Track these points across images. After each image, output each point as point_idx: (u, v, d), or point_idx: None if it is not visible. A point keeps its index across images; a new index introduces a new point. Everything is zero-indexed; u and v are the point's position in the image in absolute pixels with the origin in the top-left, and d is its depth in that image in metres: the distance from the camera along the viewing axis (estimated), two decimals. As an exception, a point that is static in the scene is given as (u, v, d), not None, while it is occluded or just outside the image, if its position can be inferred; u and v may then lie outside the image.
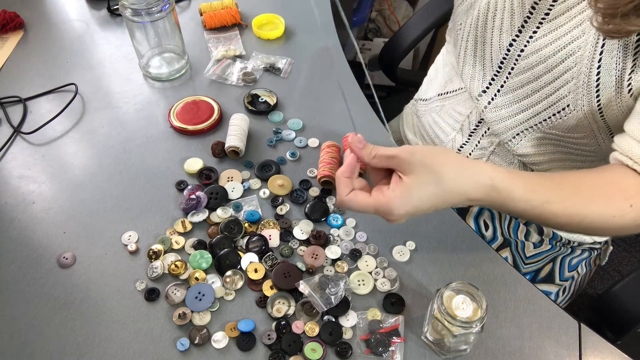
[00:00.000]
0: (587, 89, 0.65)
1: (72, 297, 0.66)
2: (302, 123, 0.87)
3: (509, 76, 0.73)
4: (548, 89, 0.69)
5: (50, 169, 0.81)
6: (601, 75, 0.63)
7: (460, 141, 0.85)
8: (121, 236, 0.72)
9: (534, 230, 0.85)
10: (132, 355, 0.61)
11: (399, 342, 0.62)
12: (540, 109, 0.71)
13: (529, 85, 0.71)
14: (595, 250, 0.89)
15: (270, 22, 1.06)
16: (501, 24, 0.71)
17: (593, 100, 0.65)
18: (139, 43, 0.92)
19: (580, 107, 0.66)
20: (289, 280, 0.67)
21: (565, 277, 0.85)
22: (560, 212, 0.59)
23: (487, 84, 0.76)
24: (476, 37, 0.75)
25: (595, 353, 0.62)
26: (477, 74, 0.77)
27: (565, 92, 0.67)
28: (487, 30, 0.73)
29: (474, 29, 0.75)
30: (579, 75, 0.65)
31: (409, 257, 0.71)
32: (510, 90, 0.73)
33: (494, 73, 0.75)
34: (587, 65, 0.64)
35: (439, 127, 0.88)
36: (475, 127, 0.81)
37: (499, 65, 0.73)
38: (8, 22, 1.03)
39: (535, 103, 0.71)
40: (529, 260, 0.84)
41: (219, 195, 0.76)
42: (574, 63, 0.65)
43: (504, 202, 0.58)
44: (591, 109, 0.66)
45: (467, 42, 0.77)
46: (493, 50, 0.73)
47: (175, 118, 0.86)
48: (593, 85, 0.64)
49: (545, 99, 0.70)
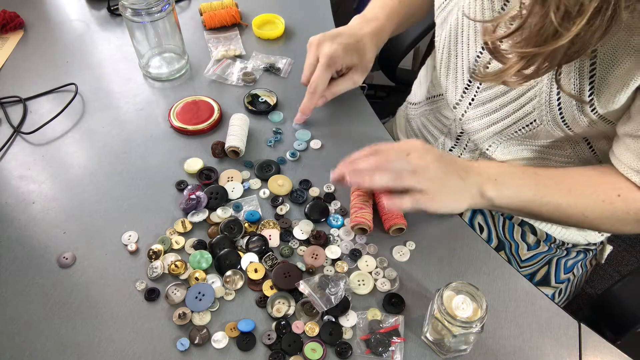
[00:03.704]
0: (550, 107, 0.66)
1: (72, 297, 0.66)
2: (310, 134, 0.86)
3: (478, 90, 0.74)
4: (514, 105, 0.70)
5: (50, 169, 0.81)
6: (561, 95, 0.64)
7: (449, 144, 0.85)
8: (121, 236, 0.72)
9: (529, 231, 0.85)
10: (132, 355, 0.61)
11: (399, 342, 0.62)
12: (510, 122, 0.72)
13: (497, 100, 0.72)
14: (590, 251, 0.89)
15: (270, 22, 1.06)
16: (468, 39, 0.73)
17: (557, 117, 0.66)
18: (139, 43, 0.92)
19: (547, 122, 0.67)
20: (289, 280, 0.67)
21: (561, 279, 0.85)
22: (554, 209, 0.64)
23: (460, 97, 0.77)
24: (449, 50, 0.77)
25: (595, 353, 0.62)
26: (451, 85, 0.79)
27: (531, 109, 0.68)
28: (457, 44, 0.75)
29: (447, 42, 0.76)
30: (540, 93, 0.66)
31: (409, 257, 0.71)
32: (481, 103, 0.75)
33: (465, 86, 0.76)
34: (547, 84, 0.64)
35: (428, 131, 0.89)
36: (462, 131, 0.81)
37: (469, 79, 0.75)
38: (8, 22, 1.03)
39: (504, 117, 0.72)
40: (524, 263, 0.85)
41: (219, 195, 0.76)
42: (535, 81, 0.66)
43: (498, 206, 0.67)
44: (557, 124, 0.67)
45: (442, 55, 0.78)
46: (464, 63, 0.75)
47: (175, 118, 0.86)
48: (555, 103, 0.65)
49: (514, 114, 0.71)
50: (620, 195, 0.63)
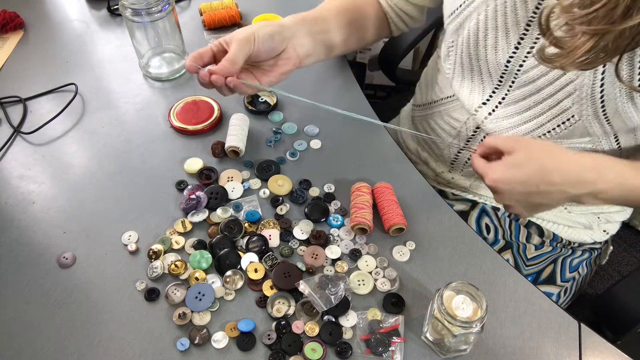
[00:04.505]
0: (592, 100, 0.64)
1: (72, 297, 0.66)
2: (296, 127, 0.87)
3: (509, 89, 0.73)
4: (551, 101, 0.69)
5: (50, 169, 0.81)
6: (605, 87, 0.63)
7: (457, 147, 0.85)
8: (121, 236, 0.72)
9: (535, 232, 0.85)
10: (132, 355, 0.61)
11: (399, 342, 0.62)
12: (545, 120, 0.71)
13: (532, 97, 0.71)
14: (595, 250, 0.89)
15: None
16: (495, 42, 0.71)
17: (599, 109, 0.65)
18: (139, 43, 0.92)
19: (586, 117, 0.66)
20: (289, 280, 0.67)
21: (567, 278, 0.85)
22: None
23: (488, 97, 0.76)
24: (470, 55, 0.75)
25: (595, 353, 0.62)
26: (476, 87, 0.77)
27: (569, 104, 0.67)
28: (479, 48, 0.73)
29: (466, 47, 0.75)
30: (582, 86, 0.64)
31: (409, 257, 0.71)
32: (513, 102, 0.73)
33: (495, 87, 0.74)
34: (590, 77, 0.63)
35: (435, 133, 0.89)
36: (473, 133, 0.81)
37: (499, 79, 0.73)
38: (8, 22, 1.03)
39: (538, 114, 0.71)
40: (530, 262, 0.84)
41: (219, 195, 0.76)
42: (575, 75, 0.64)
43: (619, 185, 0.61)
44: (597, 118, 0.66)
45: (462, 59, 0.77)
46: (490, 66, 0.73)
47: (175, 118, 0.86)
48: (597, 95, 0.64)
49: (549, 110, 0.70)
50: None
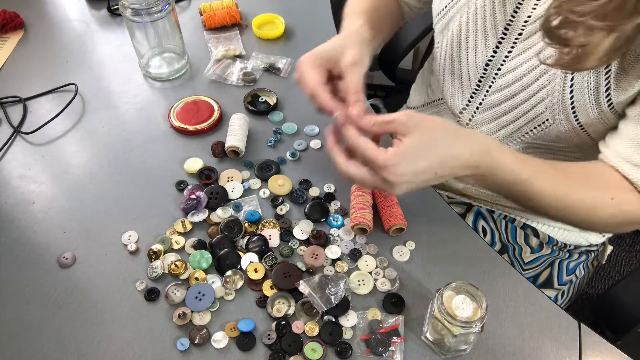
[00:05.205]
0: (563, 106, 0.66)
1: (72, 297, 0.66)
2: (296, 127, 0.86)
3: (486, 94, 0.74)
4: (525, 106, 0.70)
5: (50, 169, 0.81)
6: (574, 94, 0.64)
7: None
8: (121, 236, 0.72)
9: (531, 234, 0.85)
10: (132, 355, 0.61)
11: (399, 342, 0.62)
12: (520, 124, 0.72)
13: (507, 102, 0.72)
14: (592, 252, 0.89)
15: (270, 22, 1.06)
16: (475, 45, 0.72)
17: (571, 117, 0.66)
18: (139, 43, 0.92)
19: (560, 122, 0.67)
20: (289, 280, 0.67)
21: (564, 281, 0.85)
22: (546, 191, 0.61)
23: (467, 102, 0.77)
24: (452, 56, 0.76)
25: (595, 353, 0.62)
26: (457, 91, 0.78)
27: (543, 108, 0.68)
28: (461, 50, 0.74)
29: (449, 48, 0.76)
30: (553, 92, 0.66)
31: (409, 257, 0.71)
32: (489, 107, 0.74)
33: (473, 91, 0.76)
34: (560, 83, 0.64)
35: None
36: None
37: (477, 83, 0.74)
38: (8, 22, 1.03)
39: (514, 119, 0.72)
40: (527, 266, 0.84)
41: (219, 195, 0.76)
42: (547, 81, 0.66)
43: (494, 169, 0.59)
44: (571, 125, 0.67)
45: (445, 61, 0.78)
46: (470, 69, 0.74)
47: (175, 118, 0.86)
48: (568, 102, 0.65)
49: (524, 115, 0.71)
50: (613, 199, 0.62)
